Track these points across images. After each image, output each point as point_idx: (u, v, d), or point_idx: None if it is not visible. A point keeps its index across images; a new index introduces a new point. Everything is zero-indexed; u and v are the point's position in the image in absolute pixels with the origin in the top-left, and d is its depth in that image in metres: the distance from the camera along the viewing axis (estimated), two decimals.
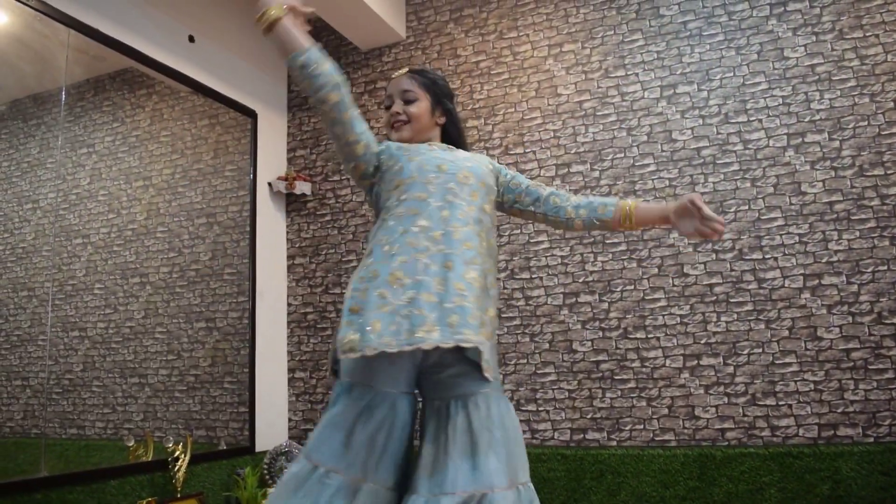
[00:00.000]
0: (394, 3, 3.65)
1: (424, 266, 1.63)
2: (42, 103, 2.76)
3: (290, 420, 3.67)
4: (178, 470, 2.84)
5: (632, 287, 3.12)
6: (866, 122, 2.90)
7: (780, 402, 2.85)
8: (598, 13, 3.36)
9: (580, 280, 3.20)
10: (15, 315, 2.64)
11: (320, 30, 3.89)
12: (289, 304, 3.79)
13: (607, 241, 3.18)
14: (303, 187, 3.72)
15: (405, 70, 2.00)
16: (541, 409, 3.18)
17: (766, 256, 2.96)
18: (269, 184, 3.72)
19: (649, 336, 3.07)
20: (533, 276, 3.28)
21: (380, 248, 1.69)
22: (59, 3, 2.68)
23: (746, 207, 3.01)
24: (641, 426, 3.03)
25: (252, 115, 3.63)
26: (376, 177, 1.86)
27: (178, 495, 2.81)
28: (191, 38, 3.32)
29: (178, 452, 2.87)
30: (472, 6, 3.63)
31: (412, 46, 3.73)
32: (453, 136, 2.04)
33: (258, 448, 3.41)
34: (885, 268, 2.80)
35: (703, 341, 2.99)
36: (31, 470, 2.49)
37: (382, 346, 1.53)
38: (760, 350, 2.91)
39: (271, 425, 3.55)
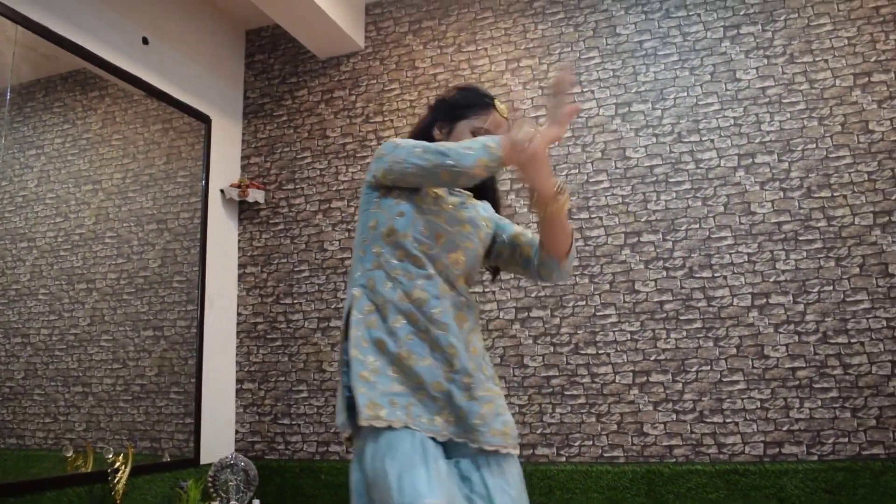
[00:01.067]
0: (353, 12, 3.64)
1: None
2: None
3: (237, 432, 3.60)
4: (118, 482, 2.76)
5: (583, 303, 3.13)
6: (814, 145, 2.95)
7: (727, 420, 2.87)
8: (555, 29, 3.39)
9: (532, 295, 3.20)
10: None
11: (278, 37, 3.86)
12: (238, 314, 3.72)
13: None
14: (256, 195, 3.67)
15: (504, 106, 1.80)
16: None
17: (716, 275, 2.99)
18: (222, 191, 3.67)
19: (600, 352, 3.07)
20: (486, 290, 3.27)
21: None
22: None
23: (697, 226, 3.04)
24: (591, 442, 3.03)
25: (206, 120, 3.57)
26: (381, 190, 1.70)
27: None
28: (144, 40, 3.26)
29: (118, 464, 2.79)
30: (432, 18, 3.63)
31: (370, 56, 3.71)
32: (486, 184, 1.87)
33: (203, 460, 3.33)
34: (831, 288, 2.84)
35: (652, 358, 3.00)
36: None
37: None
38: (709, 367, 2.93)
39: (217, 437, 3.48)
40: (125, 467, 2.80)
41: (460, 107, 1.77)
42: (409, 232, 1.62)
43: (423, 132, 1.82)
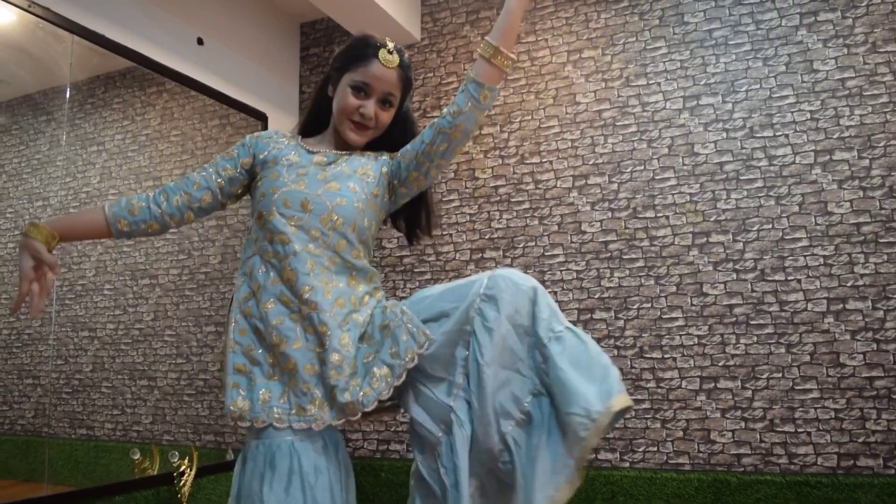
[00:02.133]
0: (409, 4, 3.54)
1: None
2: (52, 99, 2.71)
3: None
4: (184, 485, 2.81)
5: (648, 305, 3.04)
6: None
7: (799, 430, 2.78)
8: (619, 18, 3.24)
9: (595, 296, 3.12)
10: (24, 313, 2.62)
11: (332, 30, 3.78)
12: None
13: (624, 258, 3.09)
14: None
15: (398, 59, 1.68)
16: None
17: (789, 278, 2.86)
18: None
19: (665, 356, 2.99)
20: (548, 291, 3.19)
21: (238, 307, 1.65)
22: (63, 10, 2.60)
23: (770, 226, 2.91)
24: (655, 448, 2.96)
25: (262, 117, 3.54)
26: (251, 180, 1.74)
27: None
28: (199, 41, 3.23)
29: (183, 467, 2.84)
30: (489, 8, 3.51)
31: (427, 49, 3.62)
32: (395, 136, 1.79)
33: None
34: None
35: (720, 363, 2.91)
36: (37, 472, 2.48)
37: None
38: (780, 375, 2.82)
39: None
40: (190, 470, 2.85)
41: (346, 59, 1.71)
42: (272, 209, 1.61)
43: (320, 89, 1.82)
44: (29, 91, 2.67)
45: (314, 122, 1.83)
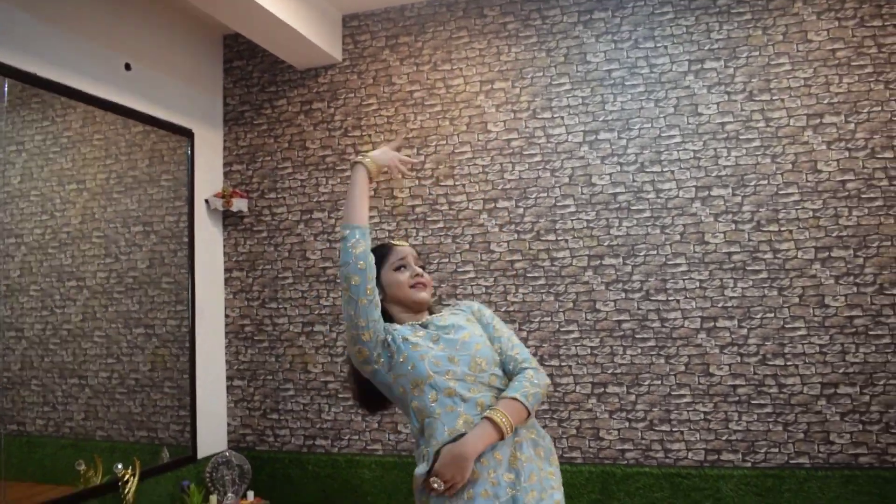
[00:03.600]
0: (328, 26, 3.66)
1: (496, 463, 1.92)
2: None
3: (228, 425, 3.89)
4: (129, 492, 3.03)
5: (549, 319, 3.40)
6: (766, 181, 3.17)
7: (674, 429, 3.22)
8: (528, 53, 3.48)
9: (502, 309, 3.45)
10: None
11: (255, 44, 3.87)
12: (226, 316, 3.92)
13: (528, 275, 3.43)
14: (240, 204, 3.79)
15: (405, 241, 2.25)
16: None
17: (670, 298, 3.26)
18: (207, 201, 3.79)
19: (562, 364, 3.37)
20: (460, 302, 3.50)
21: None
22: None
23: (655, 252, 3.28)
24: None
25: (189, 134, 3.64)
26: (380, 364, 1.98)
27: None
28: (127, 66, 3.30)
29: (127, 476, 3.05)
30: (408, 34, 3.68)
31: (348, 69, 3.77)
32: None
33: (200, 454, 3.62)
34: (772, 315, 3.13)
35: (609, 371, 3.31)
36: None
37: None
38: (659, 382, 3.25)
39: (211, 430, 3.76)
40: (133, 478, 3.07)
41: (377, 262, 2.06)
42: (429, 372, 1.92)
43: None
44: None
45: None
